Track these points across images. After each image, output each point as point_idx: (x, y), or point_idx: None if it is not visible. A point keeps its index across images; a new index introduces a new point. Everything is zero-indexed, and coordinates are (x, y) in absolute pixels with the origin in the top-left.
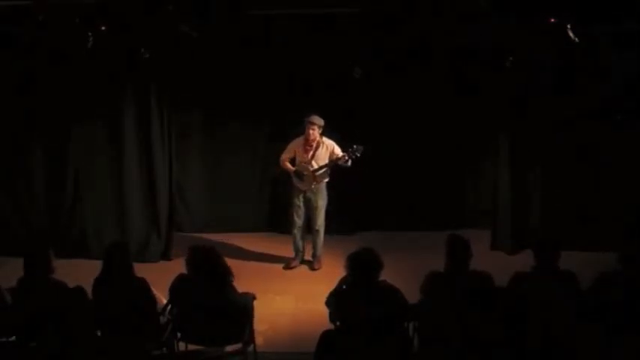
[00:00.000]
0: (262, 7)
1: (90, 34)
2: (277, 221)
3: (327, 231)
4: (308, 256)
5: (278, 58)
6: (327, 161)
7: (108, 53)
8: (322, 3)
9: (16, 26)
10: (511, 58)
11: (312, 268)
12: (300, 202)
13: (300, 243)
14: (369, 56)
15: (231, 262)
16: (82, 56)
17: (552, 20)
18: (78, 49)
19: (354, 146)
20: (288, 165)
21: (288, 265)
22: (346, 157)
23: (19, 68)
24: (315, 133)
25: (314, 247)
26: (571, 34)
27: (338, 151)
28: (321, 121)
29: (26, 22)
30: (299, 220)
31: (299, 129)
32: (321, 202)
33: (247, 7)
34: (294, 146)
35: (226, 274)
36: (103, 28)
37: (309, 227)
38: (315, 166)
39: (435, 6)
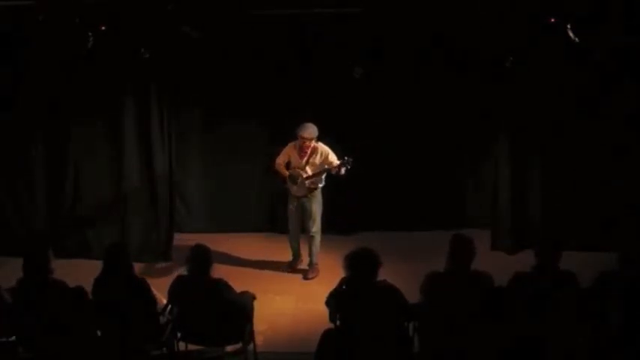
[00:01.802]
0: (262, 7)
1: (90, 34)
2: (277, 221)
3: (326, 231)
4: (305, 262)
5: (278, 58)
6: (319, 167)
7: (108, 53)
8: (323, 3)
9: (16, 26)
10: (511, 58)
11: (306, 277)
12: (294, 207)
13: (297, 247)
14: (369, 56)
15: (231, 262)
16: (82, 56)
17: (552, 20)
18: (78, 49)
19: (345, 158)
20: (284, 169)
21: (290, 266)
22: (341, 169)
23: (18, 68)
24: (308, 145)
25: (310, 255)
26: (571, 34)
27: (332, 158)
28: (313, 134)
29: (26, 22)
30: (293, 227)
31: (298, 125)
32: (317, 208)
33: (247, 7)
34: (289, 150)
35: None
36: (103, 28)
37: (304, 230)
38: (309, 173)
39: (435, 6)
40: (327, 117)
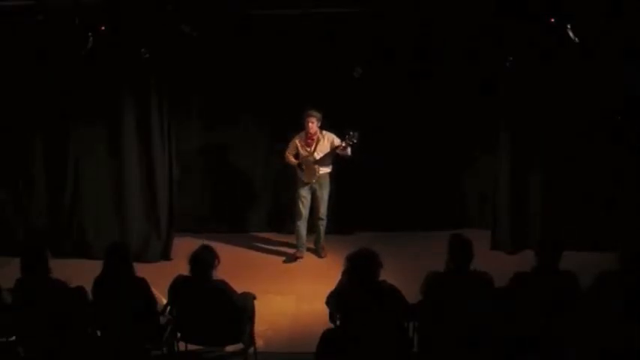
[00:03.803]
0: (263, 7)
1: (90, 34)
2: (278, 221)
3: (326, 231)
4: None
5: (279, 58)
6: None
7: (108, 53)
8: (322, 3)
9: (16, 26)
10: (511, 58)
11: (320, 256)
12: (306, 193)
13: (303, 235)
14: (369, 56)
15: (231, 262)
16: (82, 56)
17: (552, 20)
18: (78, 49)
19: (350, 132)
20: (292, 159)
21: (290, 258)
22: (344, 145)
23: (19, 68)
24: (314, 125)
25: (318, 236)
26: (571, 34)
27: (337, 141)
28: (318, 114)
29: (26, 22)
30: (305, 211)
31: (298, 126)
32: (325, 193)
33: (248, 7)
34: (296, 141)
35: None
36: (103, 28)
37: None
38: (317, 158)
39: (436, 6)
40: (327, 117)
